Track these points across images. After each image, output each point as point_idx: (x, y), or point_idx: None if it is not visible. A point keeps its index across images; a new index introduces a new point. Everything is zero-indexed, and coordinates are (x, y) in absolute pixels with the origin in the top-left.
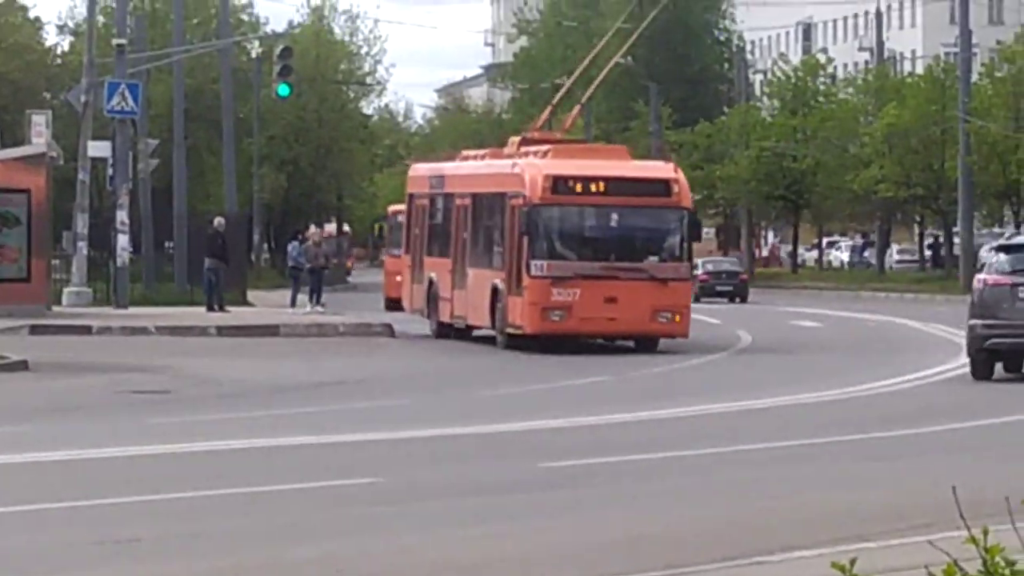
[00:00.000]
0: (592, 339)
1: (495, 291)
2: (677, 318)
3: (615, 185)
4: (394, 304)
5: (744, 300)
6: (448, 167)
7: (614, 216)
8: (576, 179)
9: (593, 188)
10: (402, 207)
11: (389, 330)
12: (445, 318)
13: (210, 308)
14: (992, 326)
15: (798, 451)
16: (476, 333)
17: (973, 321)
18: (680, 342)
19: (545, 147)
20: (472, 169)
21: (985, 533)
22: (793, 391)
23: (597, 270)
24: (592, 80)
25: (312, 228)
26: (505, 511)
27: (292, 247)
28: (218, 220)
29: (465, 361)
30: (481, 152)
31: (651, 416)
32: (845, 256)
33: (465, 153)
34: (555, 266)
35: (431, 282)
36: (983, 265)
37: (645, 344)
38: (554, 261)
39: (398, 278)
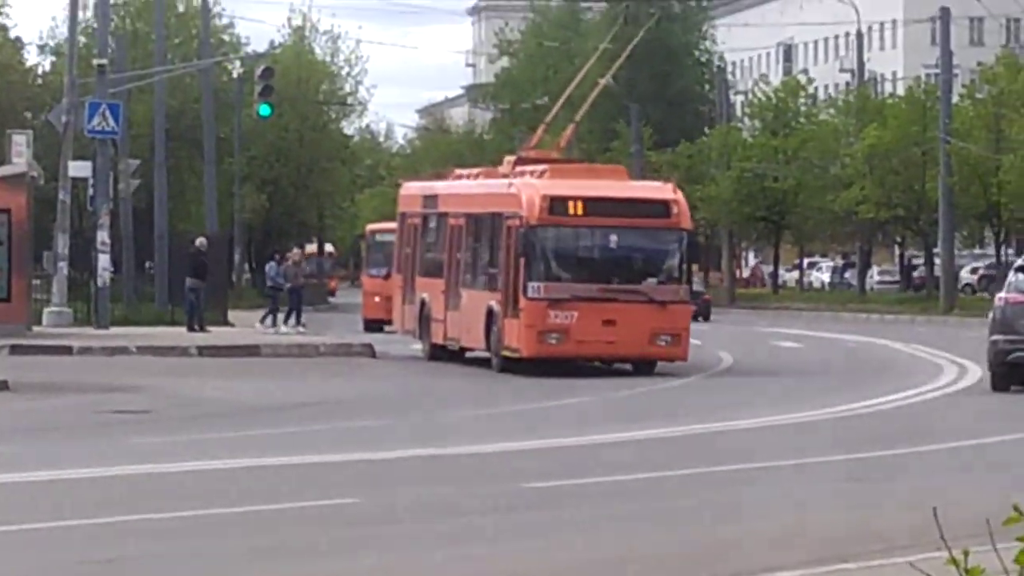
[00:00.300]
0: (589, 362)
1: (490, 313)
2: (676, 341)
3: (614, 206)
4: (373, 325)
5: (707, 319)
6: (441, 186)
7: (612, 237)
8: (574, 199)
9: (591, 209)
10: (381, 225)
11: (370, 350)
12: (438, 340)
13: (191, 328)
14: (1013, 341)
15: (779, 472)
16: (470, 355)
17: (995, 337)
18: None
19: (542, 167)
20: (466, 188)
21: (965, 555)
22: (773, 412)
23: (595, 292)
24: (581, 98)
25: (294, 249)
26: (487, 532)
27: (270, 267)
28: (200, 240)
29: (446, 382)
30: (475, 171)
31: (633, 437)
32: (826, 277)
33: (458, 172)
34: (552, 288)
35: (423, 303)
36: (1008, 284)
37: (642, 367)
38: (551, 283)
39: (376, 299)
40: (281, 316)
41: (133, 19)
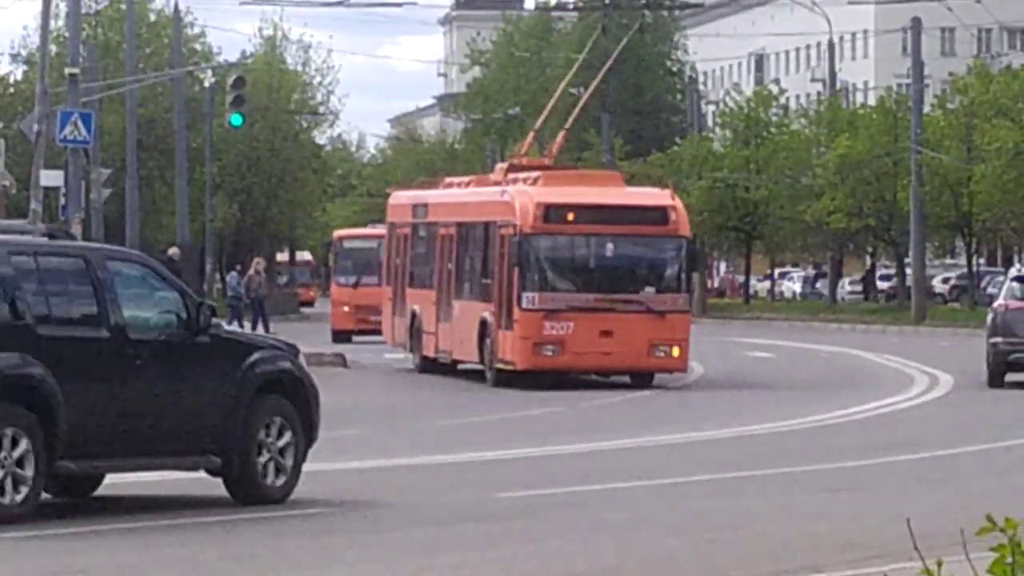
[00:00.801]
0: (586, 375)
1: (484, 324)
2: (675, 352)
3: (610, 213)
4: (342, 336)
5: None
6: (432, 195)
7: (609, 245)
8: (569, 207)
9: (587, 216)
10: (349, 232)
11: (341, 360)
12: (429, 352)
13: None
14: (1012, 343)
15: (752, 482)
16: (463, 368)
17: (995, 339)
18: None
19: (535, 173)
20: (457, 197)
21: (939, 565)
22: (746, 422)
23: (591, 302)
24: (556, 109)
25: (256, 259)
26: (461, 541)
27: (231, 277)
28: (173, 250)
29: (419, 392)
30: (465, 179)
31: (606, 447)
32: (797, 287)
33: (448, 180)
34: (547, 298)
35: (414, 315)
36: (1006, 291)
37: (641, 379)
38: (546, 293)
39: (345, 308)
40: (248, 327)
41: (105, 28)
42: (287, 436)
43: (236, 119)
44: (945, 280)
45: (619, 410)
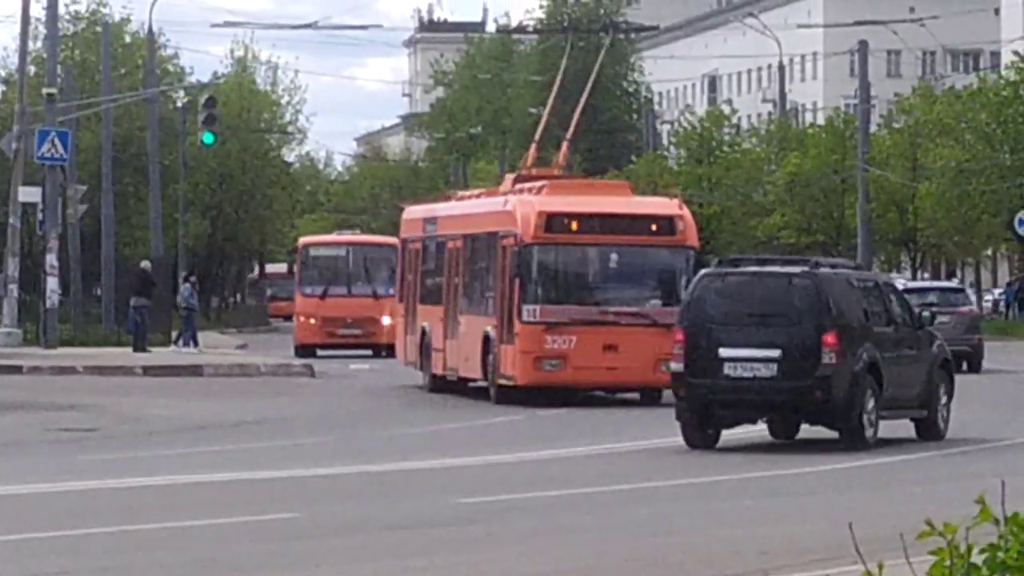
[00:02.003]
0: (591, 392)
1: (487, 339)
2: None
3: (615, 222)
4: (306, 350)
5: None
6: (441, 208)
7: (614, 256)
8: (572, 216)
9: (591, 226)
10: (316, 239)
11: (309, 371)
12: (438, 370)
13: (136, 348)
14: None
15: (704, 488)
16: (472, 386)
17: None
18: None
19: (540, 183)
20: (464, 209)
21: (880, 567)
22: None
23: (595, 315)
24: (529, 126)
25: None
26: (423, 546)
27: (184, 289)
28: (145, 262)
29: (384, 400)
30: (476, 192)
31: (566, 453)
32: None
33: (461, 194)
34: (549, 311)
35: (424, 332)
36: None
37: (650, 395)
38: (548, 306)
39: (312, 320)
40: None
41: (81, 50)
42: (946, 397)
43: (208, 137)
44: None
45: (575, 417)
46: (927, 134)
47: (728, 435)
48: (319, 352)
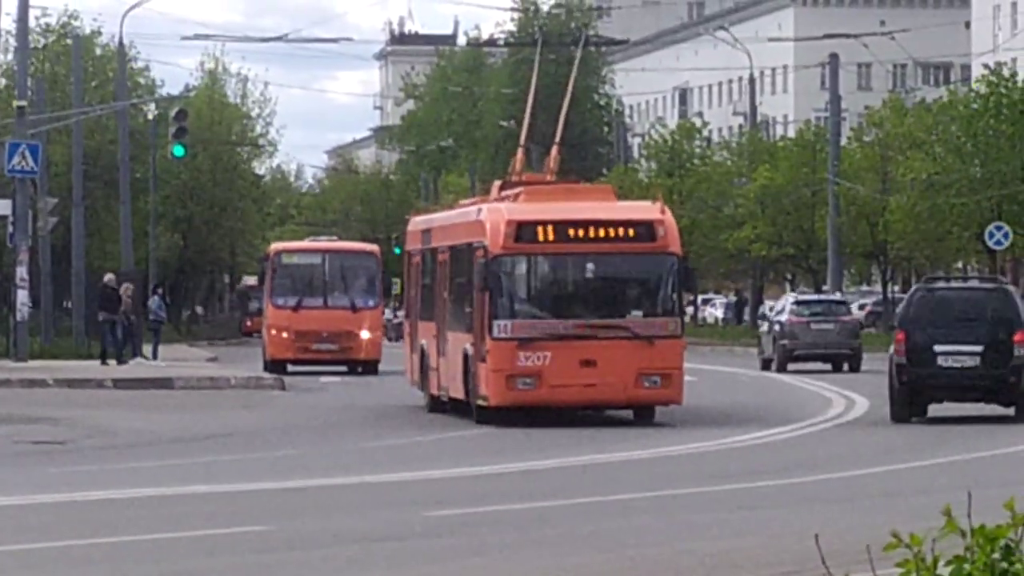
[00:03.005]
0: (572, 410)
1: (466, 357)
2: (667, 382)
3: (591, 229)
4: (277, 365)
5: None
6: (436, 219)
7: (590, 265)
8: (544, 224)
9: (565, 233)
10: (288, 245)
11: (280, 384)
12: (434, 390)
13: (103, 360)
14: (795, 343)
15: (673, 500)
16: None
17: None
18: None
19: (518, 189)
20: (450, 219)
21: None
22: (668, 443)
23: (571, 329)
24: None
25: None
26: (390, 559)
27: (152, 301)
28: (108, 276)
29: (353, 413)
30: (472, 200)
31: (531, 467)
32: (719, 313)
33: (461, 202)
34: (521, 326)
35: (423, 350)
36: (790, 311)
37: (642, 414)
38: (520, 320)
39: (284, 334)
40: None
41: (52, 63)
42: None
43: (178, 150)
44: (861, 306)
45: (538, 431)
46: (898, 147)
47: (692, 447)
48: (290, 368)
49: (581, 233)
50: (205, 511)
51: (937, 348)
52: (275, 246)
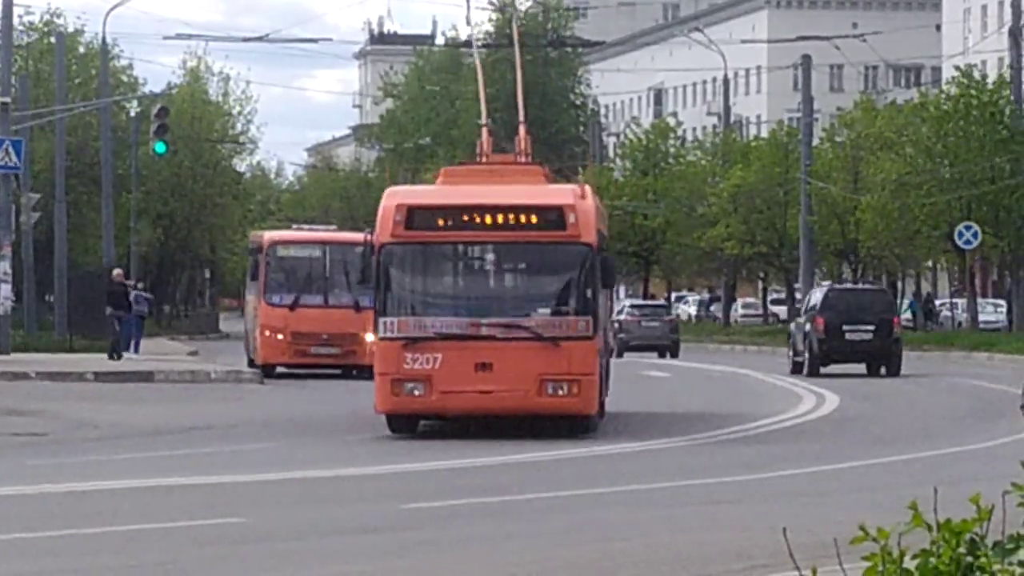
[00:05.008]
0: (460, 419)
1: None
2: (575, 389)
3: (492, 216)
4: (269, 368)
5: None
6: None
7: (490, 256)
8: (438, 209)
9: (461, 221)
10: (285, 235)
11: (259, 377)
12: None
13: (117, 356)
14: (630, 335)
15: (647, 494)
16: None
17: (621, 335)
18: None
19: (441, 171)
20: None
21: (814, 572)
22: (641, 438)
23: (464, 328)
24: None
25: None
26: (368, 551)
27: (135, 296)
28: (116, 271)
29: (330, 408)
30: None
31: (508, 460)
32: (693, 310)
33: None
34: (408, 324)
35: None
36: (627, 311)
37: (579, 424)
38: (407, 318)
39: (280, 336)
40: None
41: (36, 60)
42: None
43: (160, 147)
44: None
45: (518, 425)
46: (869, 147)
47: (666, 442)
48: (279, 370)
49: (479, 219)
50: (184, 503)
51: (845, 327)
52: (269, 235)
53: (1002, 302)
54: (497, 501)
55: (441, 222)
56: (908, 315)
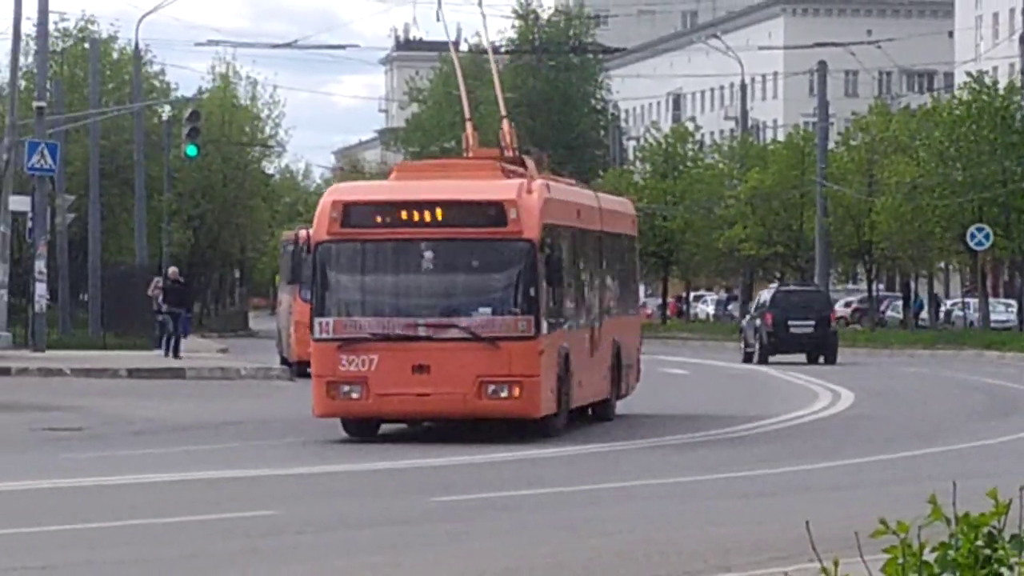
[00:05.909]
0: (398, 423)
1: None
2: (516, 391)
3: (431, 212)
4: (301, 367)
5: None
6: None
7: (428, 255)
8: (375, 206)
9: (398, 217)
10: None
11: (288, 374)
12: None
13: (167, 353)
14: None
15: (668, 489)
16: None
17: None
18: None
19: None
20: None
21: (836, 564)
22: (660, 433)
23: (401, 329)
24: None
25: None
26: (397, 543)
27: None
28: (172, 269)
29: None
30: None
31: (539, 454)
32: (711, 309)
33: None
34: (343, 325)
35: None
36: None
37: (540, 425)
38: (342, 319)
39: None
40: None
41: (71, 65)
42: None
43: (191, 150)
44: (847, 304)
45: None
46: (883, 151)
47: (682, 437)
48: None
49: (418, 216)
50: (215, 496)
51: (790, 322)
52: (305, 231)
53: (1013, 302)
54: (526, 494)
55: (379, 219)
56: (923, 315)
